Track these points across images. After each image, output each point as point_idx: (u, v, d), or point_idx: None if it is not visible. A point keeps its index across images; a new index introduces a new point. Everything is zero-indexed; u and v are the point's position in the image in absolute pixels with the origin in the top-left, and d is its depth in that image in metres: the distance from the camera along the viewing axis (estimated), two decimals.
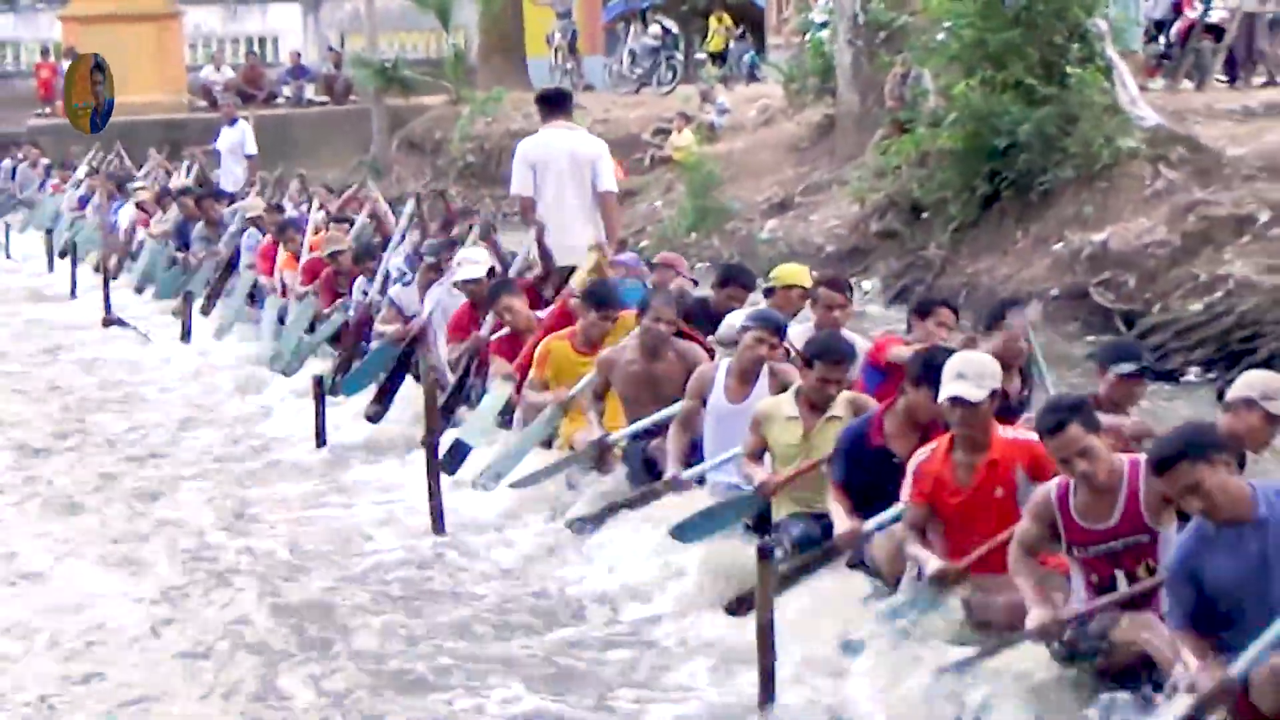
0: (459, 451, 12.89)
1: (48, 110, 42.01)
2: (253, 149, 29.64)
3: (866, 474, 9.44)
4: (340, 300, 17.32)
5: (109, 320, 23.24)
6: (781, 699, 8.70)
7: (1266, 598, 6.93)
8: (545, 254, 14.78)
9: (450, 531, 12.39)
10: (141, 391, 19.20)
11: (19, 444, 16.63)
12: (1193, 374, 14.97)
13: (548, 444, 12.63)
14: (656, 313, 11.85)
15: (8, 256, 32.94)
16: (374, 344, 15.94)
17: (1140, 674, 7.76)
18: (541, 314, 13.93)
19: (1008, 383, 9.69)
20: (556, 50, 41.39)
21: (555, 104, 15.97)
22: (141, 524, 13.55)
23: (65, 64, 42.27)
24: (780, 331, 11.11)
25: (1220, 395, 8.88)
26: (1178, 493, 7.15)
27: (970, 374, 8.68)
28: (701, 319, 10.59)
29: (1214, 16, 24.80)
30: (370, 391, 15.48)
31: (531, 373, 12.74)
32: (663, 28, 41.51)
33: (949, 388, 8.61)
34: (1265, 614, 6.87)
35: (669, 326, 11.88)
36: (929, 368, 9.27)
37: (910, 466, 8.95)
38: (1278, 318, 16.30)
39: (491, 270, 14.37)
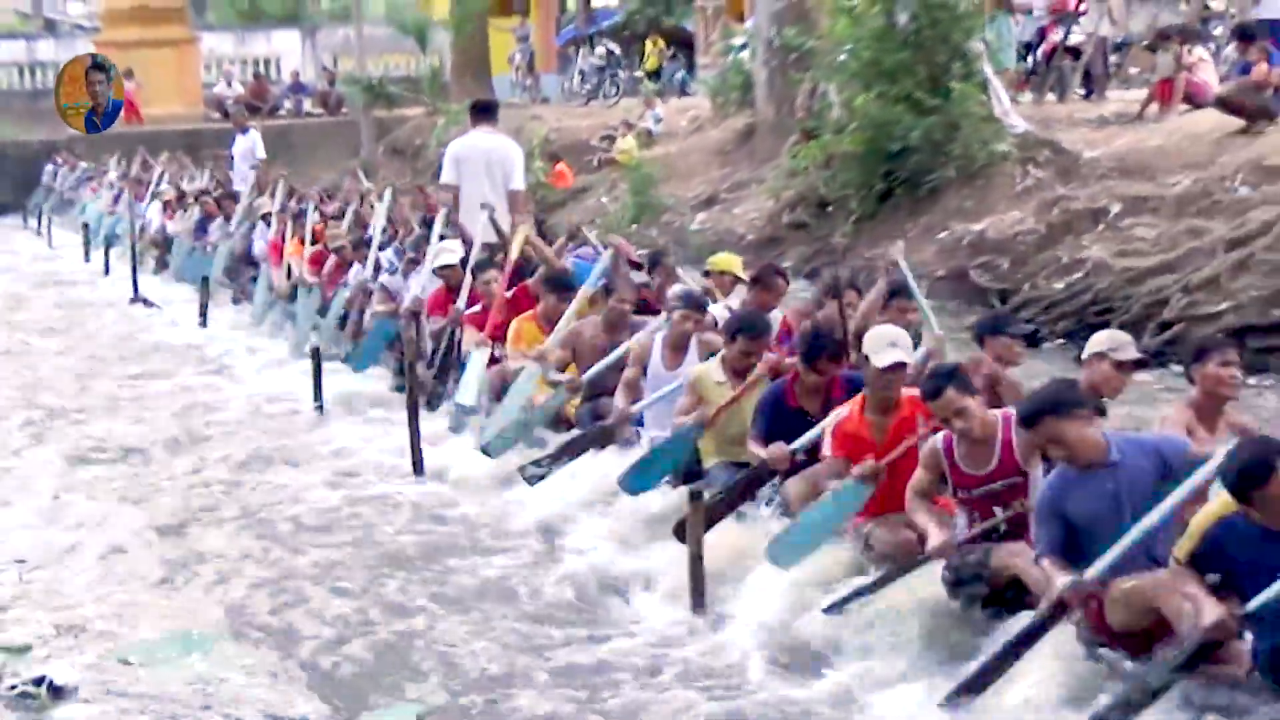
0: (460, 413, 13.01)
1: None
2: (262, 154, 29.68)
3: (784, 427, 9.43)
4: (339, 284, 17.23)
5: (135, 298, 23.34)
6: (711, 610, 8.88)
7: (1120, 529, 7.06)
8: (464, 235, 15.03)
9: (427, 474, 12.47)
10: (160, 352, 19.29)
11: (56, 387, 17.28)
12: (1057, 342, 14.98)
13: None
14: (620, 294, 12.15)
15: (50, 246, 32.87)
16: (371, 322, 15.84)
17: (1014, 600, 7.82)
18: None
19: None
20: (517, 69, 41.46)
21: (483, 112, 16.35)
22: (144, 462, 13.72)
23: None
24: (702, 308, 11.23)
25: (1079, 358, 9.00)
26: (1043, 443, 7.47)
27: (900, 343, 8.89)
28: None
29: (1073, 39, 24.87)
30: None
31: (511, 349, 12.73)
32: (607, 50, 41.59)
33: (887, 355, 8.71)
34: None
35: (629, 306, 12.12)
36: (816, 345, 9.62)
37: (828, 427, 9.03)
38: (1127, 294, 16.36)
39: (464, 259, 14.30)
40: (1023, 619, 7.40)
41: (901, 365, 8.72)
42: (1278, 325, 14.79)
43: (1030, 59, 25.02)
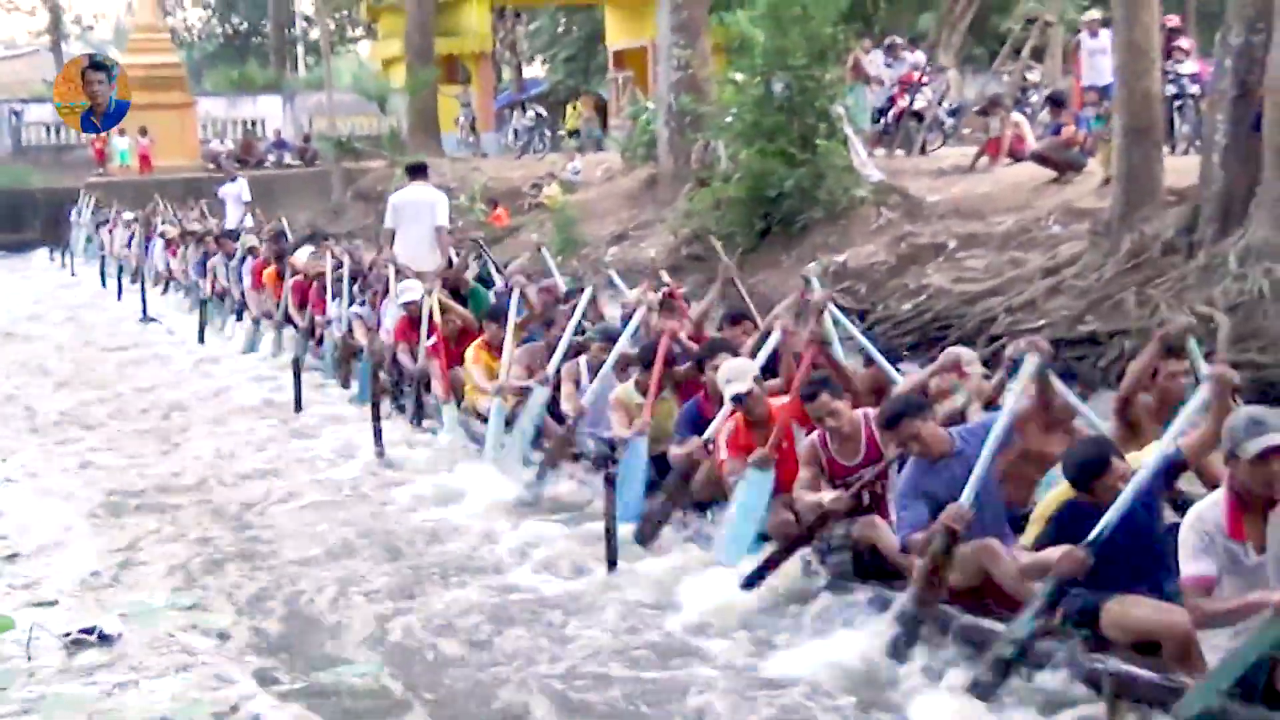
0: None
1: (100, 171, 41.38)
2: (248, 198, 29.60)
3: (699, 432, 9.42)
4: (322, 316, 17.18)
5: (144, 319, 23.32)
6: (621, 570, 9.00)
7: (981, 515, 7.14)
8: (399, 269, 15.26)
9: (391, 462, 12.52)
10: (165, 364, 19.14)
11: (77, 390, 17.09)
12: (905, 354, 15.05)
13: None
14: (559, 324, 12.01)
15: (73, 275, 32.63)
16: (361, 364, 15.31)
17: (872, 564, 7.85)
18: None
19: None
20: (462, 128, 41.27)
21: (417, 170, 16.93)
22: (152, 452, 13.60)
23: (114, 136, 41.99)
24: (614, 340, 11.12)
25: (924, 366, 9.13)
26: (901, 440, 7.52)
27: (730, 377, 8.86)
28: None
29: (918, 104, 25.01)
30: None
31: (475, 371, 12.57)
32: (536, 113, 41.61)
33: (728, 390, 8.82)
34: (992, 529, 7.21)
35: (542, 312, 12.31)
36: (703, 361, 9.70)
37: (719, 436, 9.06)
38: (962, 314, 16.42)
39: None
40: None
41: (742, 395, 8.73)
42: (1085, 339, 14.89)
43: (882, 121, 25.10)
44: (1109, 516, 6.45)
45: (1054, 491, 6.91)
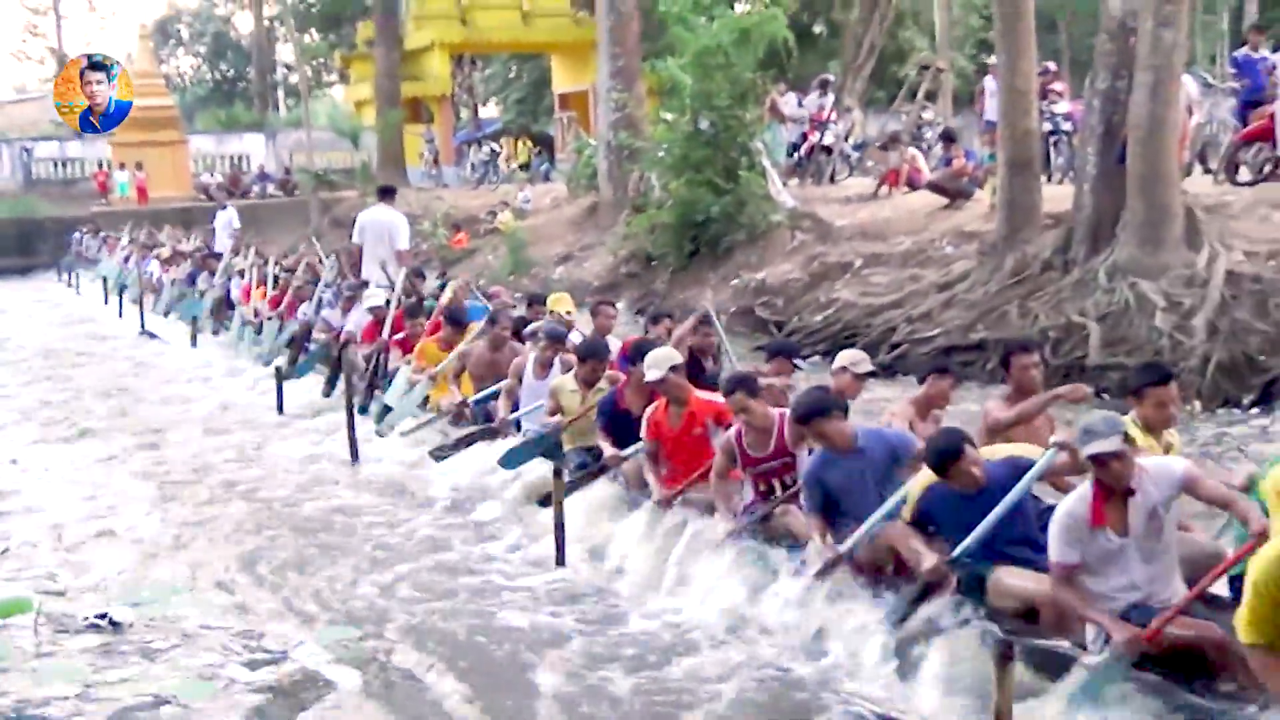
0: (384, 410, 12.95)
1: (103, 201, 41.10)
2: (237, 225, 29.48)
3: (616, 424, 9.55)
4: (291, 318, 17.44)
5: (142, 332, 23.05)
6: (569, 562, 8.88)
7: (865, 498, 7.25)
8: (363, 281, 15.78)
9: (362, 460, 12.37)
10: (161, 370, 18.98)
11: (85, 396, 16.86)
12: (817, 359, 15.08)
13: (423, 405, 12.57)
14: (502, 324, 12.11)
15: (78, 294, 32.36)
16: (313, 345, 16.09)
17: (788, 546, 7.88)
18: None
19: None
20: (425, 162, 41.26)
21: (386, 193, 17.13)
22: (153, 451, 13.50)
23: (115, 171, 41.68)
24: (560, 339, 11.21)
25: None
26: (811, 435, 7.57)
27: (650, 364, 8.92)
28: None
29: (827, 140, 25.09)
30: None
31: (415, 361, 12.81)
32: (491, 149, 41.64)
33: (647, 375, 8.91)
34: (865, 508, 7.20)
35: (508, 334, 12.07)
36: (636, 356, 9.59)
37: (645, 417, 9.09)
38: (867, 324, 16.52)
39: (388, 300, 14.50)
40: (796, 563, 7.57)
41: (655, 379, 8.82)
42: (974, 345, 14.99)
43: (796, 155, 25.18)
44: (1007, 498, 6.56)
45: (919, 478, 6.97)
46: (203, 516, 10.90)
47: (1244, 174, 17.25)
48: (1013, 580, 6.52)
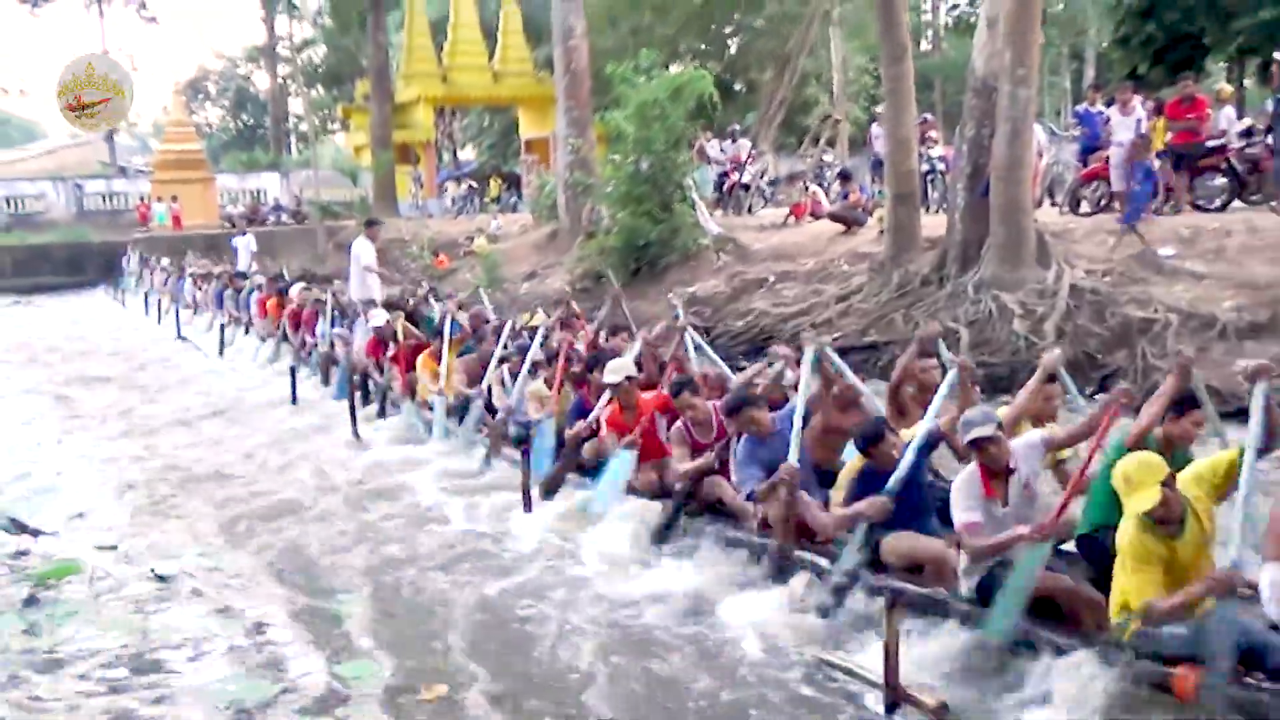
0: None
1: (143, 229, 40.60)
2: (255, 248, 29.21)
3: (584, 419, 9.45)
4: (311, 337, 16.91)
5: (179, 338, 22.81)
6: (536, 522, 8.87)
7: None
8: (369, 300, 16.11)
9: (364, 443, 12.35)
10: (195, 372, 18.66)
11: (129, 390, 16.43)
12: (740, 358, 15.12)
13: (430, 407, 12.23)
14: (488, 339, 11.96)
15: (124, 306, 31.91)
16: (337, 370, 15.19)
17: (720, 514, 7.89)
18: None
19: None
20: (413, 196, 41.06)
21: (368, 224, 17.67)
22: (189, 434, 13.40)
23: (154, 204, 41.20)
24: (524, 351, 11.07)
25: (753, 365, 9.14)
26: (740, 424, 7.55)
27: (610, 371, 8.91)
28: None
29: (746, 178, 25.14)
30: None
31: (424, 375, 12.43)
32: (468, 185, 41.39)
33: (606, 379, 8.93)
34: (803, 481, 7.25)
35: (493, 345, 11.79)
36: (593, 365, 9.65)
37: (603, 416, 9.10)
38: (779, 330, 16.51)
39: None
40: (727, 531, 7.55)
41: (613, 384, 8.79)
42: (867, 346, 15.04)
43: (719, 191, 25.19)
44: (897, 473, 6.59)
45: (849, 464, 6.99)
46: (204, 487, 10.87)
47: (1084, 206, 17.48)
48: (901, 543, 6.56)
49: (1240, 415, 5.54)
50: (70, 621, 7.19)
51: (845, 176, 22.04)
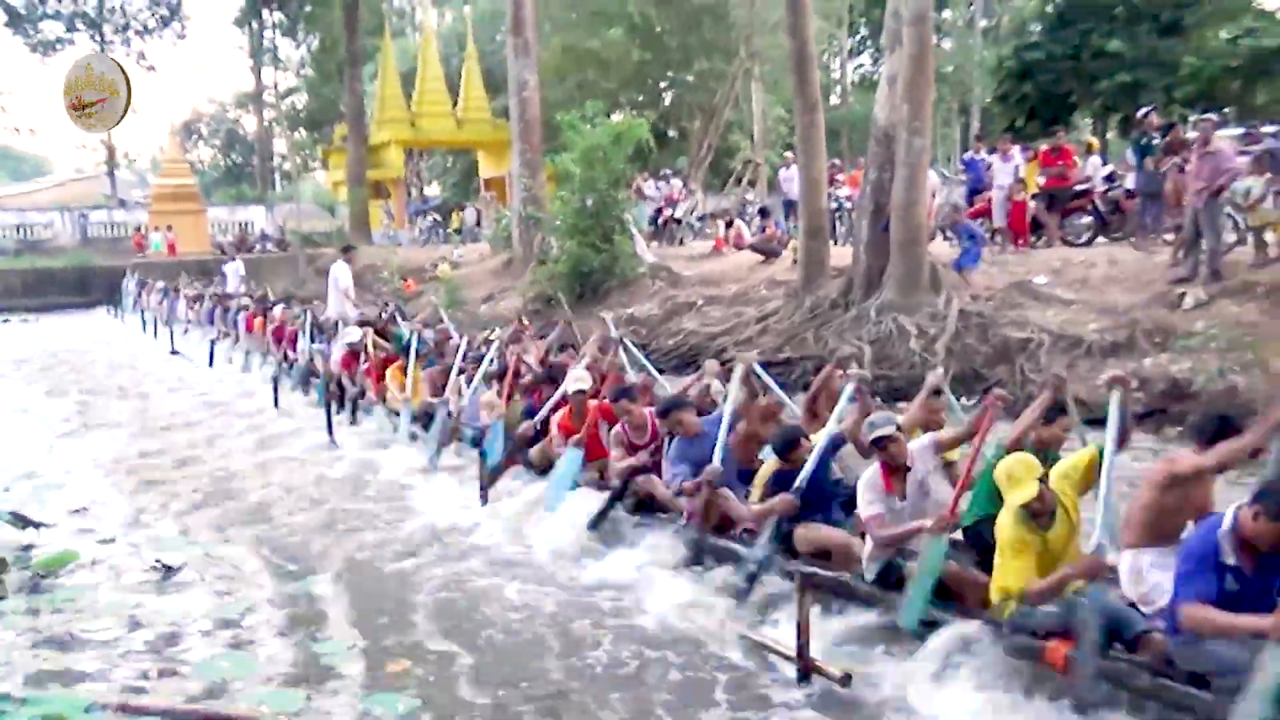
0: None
1: (140, 256, 39.86)
2: (243, 272, 28.82)
3: (538, 427, 9.36)
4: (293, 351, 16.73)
5: (173, 352, 22.32)
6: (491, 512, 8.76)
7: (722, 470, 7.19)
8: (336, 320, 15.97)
9: (339, 445, 12.16)
10: (186, 381, 18.26)
11: (122, 395, 15.84)
12: (672, 371, 15.10)
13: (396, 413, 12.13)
14: (449, 354, 11.89)
15: (123, 323, 31.33)
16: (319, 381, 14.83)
17: (649, 506, 7.87)
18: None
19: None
20: (384, 227, 40.66)
21: (344, 250, 17.63)
22: (183, 436, 12.96)
23: (151, 233, 40.49)
24: (479, 361, 11.05)
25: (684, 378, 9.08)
26: (670, 424, 7.52)
27: (575, 380, 8.91)
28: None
29: (678, 214, 25.21)
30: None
31: (393, 385, 12.41)
32: (434, 218, 41.12)
33: (572, 386, 8.85)
34: (726, 477, 7.26)
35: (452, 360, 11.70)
36: (549, 377, 9.63)
37: (554, 420, 9.02)
38: (707, 346, 16.49)
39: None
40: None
41: (581, 390, 8.73)
42: (783, 362, 15.06)
43: (654, 224, 25.23)
44: (803, 473, 6.60)
45: (766, 465, 6.99)
46: (195, 484, 10.67)
47: None
48: (812, 533, 6.58)
49: (1101, 424, 5.62)
50: (68, 606, 7.05)
51: (764, 213, 22.15)
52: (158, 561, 7.85)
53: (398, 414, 11.91)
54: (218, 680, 5.86)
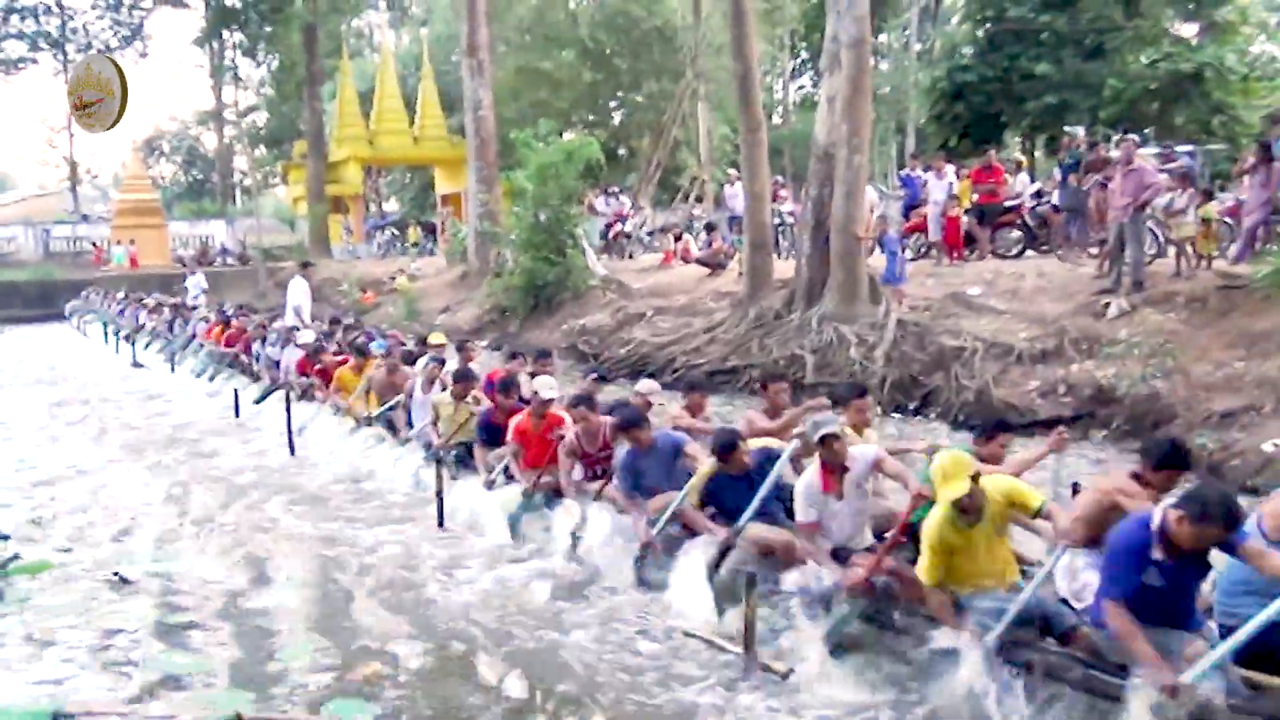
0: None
1: (103, 269, 39.18)
2: (205, 285, 28.45)
3: (489, 432, 9.16)
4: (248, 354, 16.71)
5: (134, 364, 21.88)
6: (449, 527, 8.67)
7: (659, 479, 7.22)
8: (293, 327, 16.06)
9: (298, 452, 11.99)
10: (149, 389, 17.91)
11: (88, 406, 15.45)
12: (623, 381, 15.10)
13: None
14: (394, 356, 11.90)
15: (85, 336, 30.74)
16: (264, 382, 15.17)
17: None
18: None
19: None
20: (344, 241, 40.34)
21: (305, 265, 18.27)
22: (146, 442, 12.68)
23: (113, 246, 39.81)
24: (441, 363, 10.98)
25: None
26: (626, 438, 7.51)
27: (545, 387, 8.69)
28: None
29: (628, 228, 25.23)
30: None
31: (335, 385, 12.40)
32: (392, 232, 40.89)
33: (543, 394, 8.61)
34: (660, 484, 7.20)
35: (400, 362, 11.73)
36: (505, 386, 9.34)
37: (512, 425, 8.78)
38: (657, 356, 16.58)
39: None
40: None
41: (548, 399, 8.56)
42: (729, 370, 15.17)
43: (605, 239, 25.23)
44: (759, 495, 6.48)
45: (705, 465, 6.95)
46: (181, 491, 10.48)
47: (907, 254, 17.74)
48: (759, 532, 6.59)
49: (1029, 428, 5.69)
50: (30, 610, 6.90)
51: (710, 228, 22.22)
52: (114, 574, 7.68)
53: (354, 417, 11.81)
54: (176, 681, 5.75)
